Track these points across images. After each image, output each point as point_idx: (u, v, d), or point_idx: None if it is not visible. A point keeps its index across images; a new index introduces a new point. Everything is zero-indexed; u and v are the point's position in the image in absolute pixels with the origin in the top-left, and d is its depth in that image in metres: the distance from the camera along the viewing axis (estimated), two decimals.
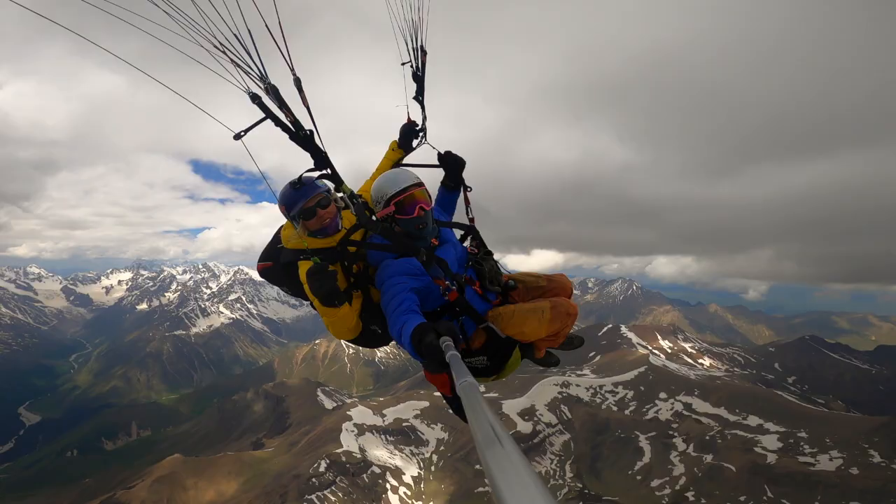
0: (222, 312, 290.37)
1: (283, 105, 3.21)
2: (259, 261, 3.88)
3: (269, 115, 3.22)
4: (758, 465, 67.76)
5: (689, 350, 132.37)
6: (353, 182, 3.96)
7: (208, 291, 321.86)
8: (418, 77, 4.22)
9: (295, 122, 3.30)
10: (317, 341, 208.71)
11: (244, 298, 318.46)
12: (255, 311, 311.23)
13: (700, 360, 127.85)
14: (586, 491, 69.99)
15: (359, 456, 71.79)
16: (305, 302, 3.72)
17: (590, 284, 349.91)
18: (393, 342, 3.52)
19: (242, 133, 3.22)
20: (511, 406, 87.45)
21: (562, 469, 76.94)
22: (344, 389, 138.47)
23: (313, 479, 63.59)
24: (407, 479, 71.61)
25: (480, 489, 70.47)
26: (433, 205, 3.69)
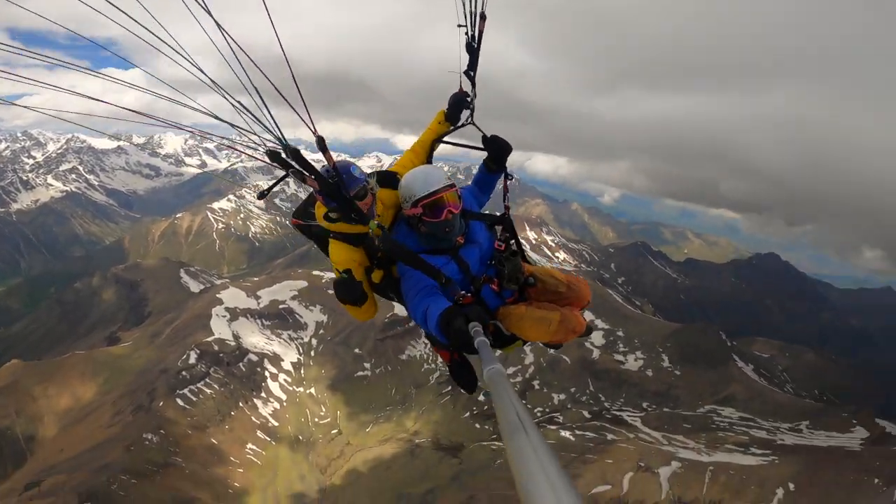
0: (52, 185, 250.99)
1: (306, 165, 3.24)
2: (293, 216, 4.08)
3: (291, 169, 3.24)
4: (585, 360, 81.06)
5: (550, 243, 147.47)
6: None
7: (31, 162, 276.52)
8: (472, 48, 3.90)
9: (319, 177, 3.30)
10: (178, 215, 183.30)
11: (81, 169, 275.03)
12: (96, 183, 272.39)
13: (556, 254, 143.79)
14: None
15: (233, 344, 69.64)
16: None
17: (475, 171, 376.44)
18: None
19: (266, 192, 3.54)
20: None
21: (433, 353, 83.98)
22: (213, 269, 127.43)
23: (183, 373, 60.74)
24: (286, 365, 72.44)
25: (360, 373, 75.11)
26: (462, 204, 3.66)
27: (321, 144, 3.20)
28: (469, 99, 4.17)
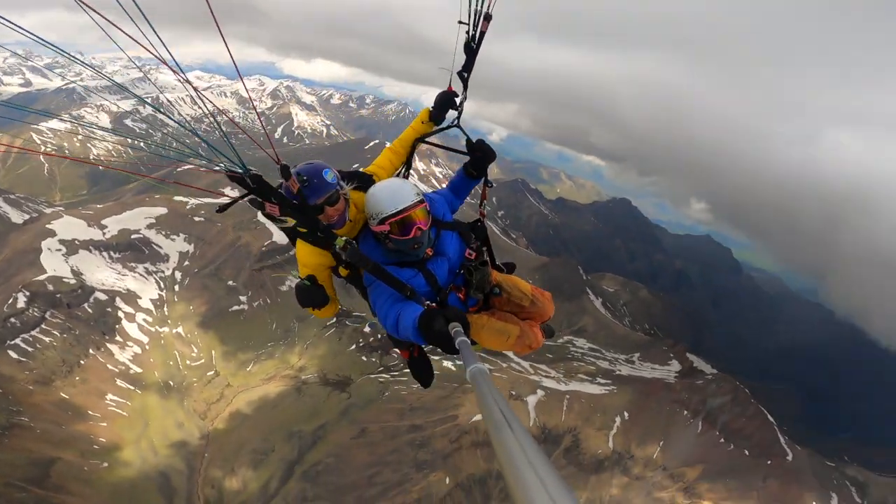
0: None
1: (269, 191, 3.19)
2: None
3: (252, 190, 3.16)
4: None
5: (437, 174, 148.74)
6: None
7: None
8: (471, 49, 3.83)
9: (282, 200, 3.26)
10: None
11: None
12: None
13: (443, 185, 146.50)
14: (341, 307, 76.64)
15: (73, 281, 58.92)
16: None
17: (368, 101, 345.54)
18: None
19: (224, 207, 3.41)
20: None
21: None
22: (41, 197, 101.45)
23: (12, 320, 50.19)
24: (145, 303, 64.16)
25: (236, 307, 69.61)
26: (431, 219, 3.60)
27: (285, 172, 3.25)
28: (457, 98, 4.06)
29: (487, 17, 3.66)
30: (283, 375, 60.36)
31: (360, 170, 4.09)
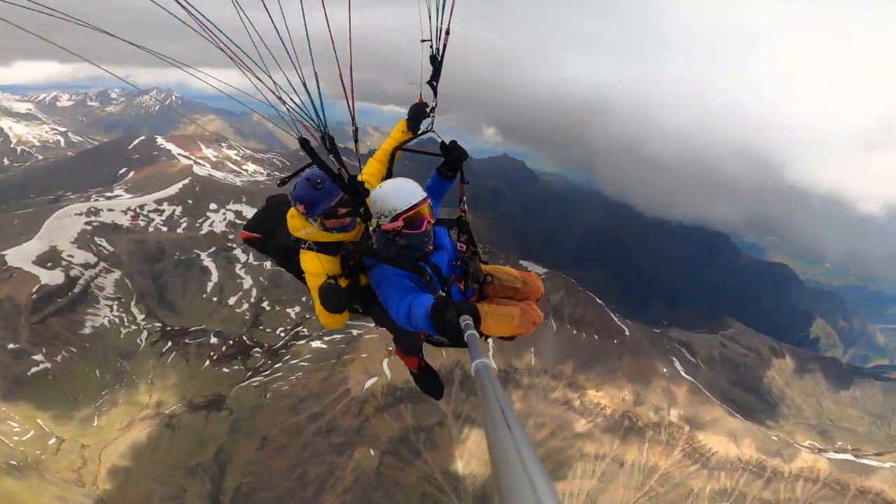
0: None
1: (335, 152, 3.40)
2: (245, 228, 4.27)
3: (316, 160, 3.38)
4: None
5: (234, 157, 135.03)
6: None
7: None
8: (436, 60, 4.06)
9: (341, 168, 3.42)
10: None
11: None
12: None
13: (244, 167, 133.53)
14: (168, 328, 67.76)
15: None
16: (290, 272, 4.18)
17: (113, 95, 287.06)
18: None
19: (287, 179, 3.69)
20: (20, 254, 67.97)
21: (128, 313, 70.83)
22: None
23: None
24: None
25: (35, 369, 59.06)
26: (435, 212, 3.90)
27: (356, 135, 3.39)
28: (428, 108, 4.33)
29: (447, 32, 3.85)
30: (141, 418, 55.07)
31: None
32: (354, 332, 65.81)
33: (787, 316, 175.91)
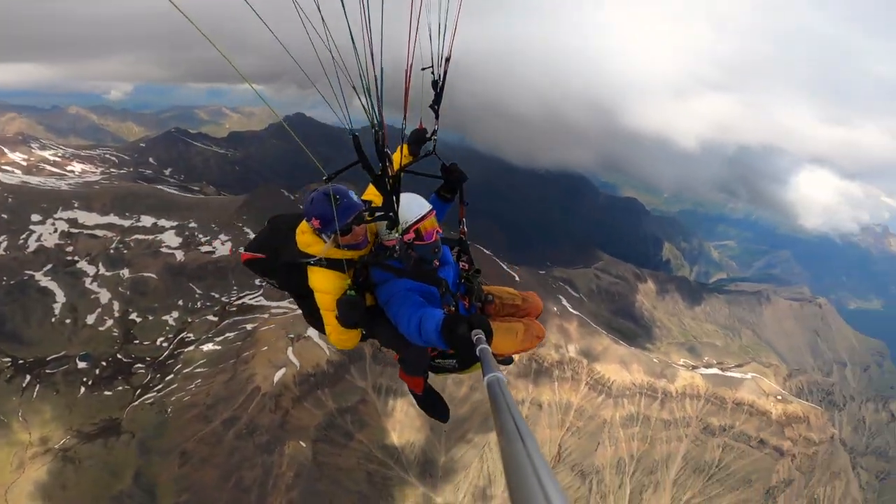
0: None
1: (381, 151, 3.36)
2: (247, 250, 4.18)
3: (362, 158, 3.43)
4: (173, 266, 75.47)
5: (53, 159, 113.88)
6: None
7: None
8: (437, 85, 4.07)
9: (385, 169, 3.43)
10: None
11: None
12: None
13: (69, 168, 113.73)
14: (21, 361, 57.53)
15: None
16: (289, 295, 4.22)
17: None
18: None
19: (333, 175, 3.61)
20: None
21: None
22: None
23: None
24: None
25: None
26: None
27: (356, 142, 3.31)
28: (427, 135, 4.36)
29: (447, 59, 3.90)
30: (31, 456, 48.48)
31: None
32: (248, 326, 60.79)
33: (642, 243, 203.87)
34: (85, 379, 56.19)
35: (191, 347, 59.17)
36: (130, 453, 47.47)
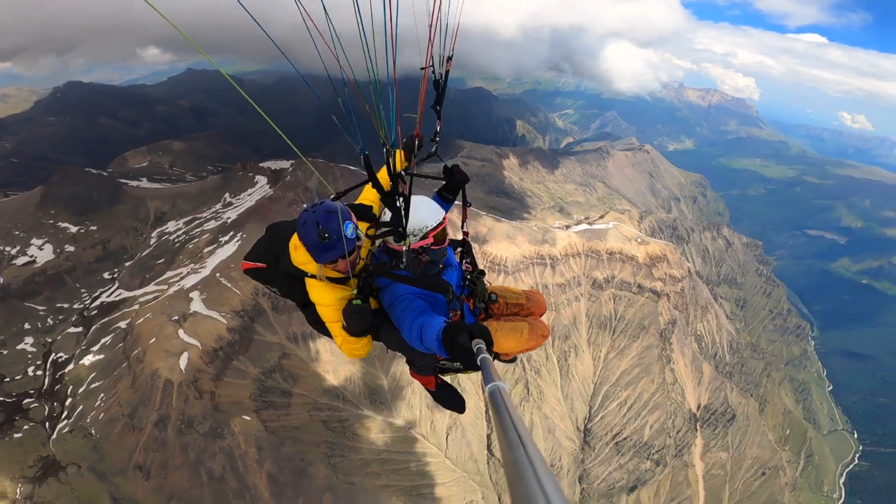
0: None
1: (391, 167, 3.46)
2: (247, 259, 4.08)
3: (372, 176, 3.62)
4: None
5: None
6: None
7: None
8: (438, 85, 4.06)
9: (395, 187, 3.52)
10: None
11: None
12: None
13: None
14: None
15: None
16: (291, 302, 4.14)
17: None
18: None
19: (343, 193, 3.76)
20: None
21: None
22: None
23: None
24: None
25: None
26: None
27: (366, 161, 3.50)
28: (418, 141, 4.32)
29: (449, 58, 3.88)
30: None
31: (358, 201, 4.18)
32: (122, 324, 53.32)
33: (497, 125, 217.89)
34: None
35: (70, 366, 51.15)
36: (92, 482, 42.99)
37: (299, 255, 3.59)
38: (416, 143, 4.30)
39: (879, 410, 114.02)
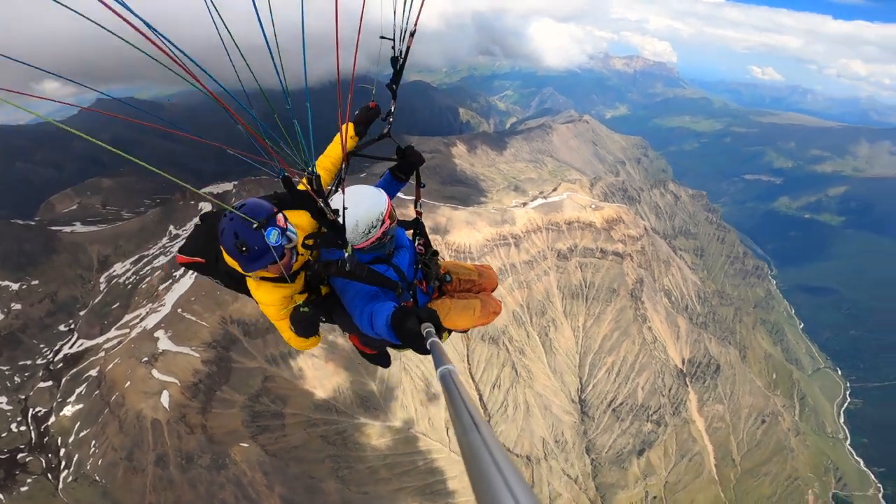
0: None
1: (320, 192, 3.27)
2: (182, 252, 3.80)
3: (297, 199, 3.55)
4: None
5: None
6: None
7: None
8: (397, 62, 3.91)
9: (326, 206, 3.34)
10: None
11: None
12: None
13: None
14: None
15: None
16: (241, 293, 3.88)
17: None
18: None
19: (276, 213, 3.29)
20: None
21: None
22: None
23: None
24: None
25: None
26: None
27: (286, 183, 3.41)
28: (381, 115, 4.29)
29: (412, 34, 3.73)
30: None
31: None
32: (92, 372, 51.13)
33: (440, 115, 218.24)
34: None
35: (52, 419, 48.36)
36: None
37: (229, 259, 3.30)
38: (371, 114, 4.23)
39: (854, 344, 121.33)
